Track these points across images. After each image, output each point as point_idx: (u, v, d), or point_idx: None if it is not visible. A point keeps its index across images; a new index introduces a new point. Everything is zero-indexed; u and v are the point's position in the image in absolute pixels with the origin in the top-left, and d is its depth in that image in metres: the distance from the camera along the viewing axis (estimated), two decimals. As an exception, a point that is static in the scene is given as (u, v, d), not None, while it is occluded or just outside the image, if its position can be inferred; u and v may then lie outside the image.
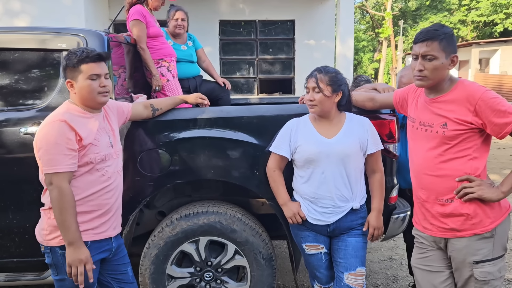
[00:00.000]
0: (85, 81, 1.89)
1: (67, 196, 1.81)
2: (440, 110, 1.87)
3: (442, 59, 1.80)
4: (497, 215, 1.84)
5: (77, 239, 1.83)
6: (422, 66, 1.82)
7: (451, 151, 1.84)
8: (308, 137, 2.16)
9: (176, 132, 2.38)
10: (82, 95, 1.91)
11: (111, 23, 3.35)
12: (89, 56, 1.89)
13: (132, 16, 3.11)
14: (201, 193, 2.73)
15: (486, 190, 1.80)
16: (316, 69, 2.15)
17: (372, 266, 3.67)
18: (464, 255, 1.86)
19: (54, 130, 1.81)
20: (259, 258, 2.44)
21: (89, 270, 1.86)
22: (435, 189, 1.90)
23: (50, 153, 1.80)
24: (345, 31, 8.51)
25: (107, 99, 1.96)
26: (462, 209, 1.84)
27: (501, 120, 1.73)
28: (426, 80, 1.84)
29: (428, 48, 1.80)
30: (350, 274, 2.15)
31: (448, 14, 28.39)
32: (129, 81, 2.93)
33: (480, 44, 18.93)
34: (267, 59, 9.40)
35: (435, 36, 1.79)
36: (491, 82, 16.09)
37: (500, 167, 7.27)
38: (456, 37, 2.19)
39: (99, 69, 1.91)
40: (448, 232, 1.89)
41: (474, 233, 1.84)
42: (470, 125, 1.79)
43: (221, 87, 3.77)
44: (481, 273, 1.84)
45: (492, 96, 1.76)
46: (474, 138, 1.82)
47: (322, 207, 2.15)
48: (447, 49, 1.80)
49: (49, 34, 2.39)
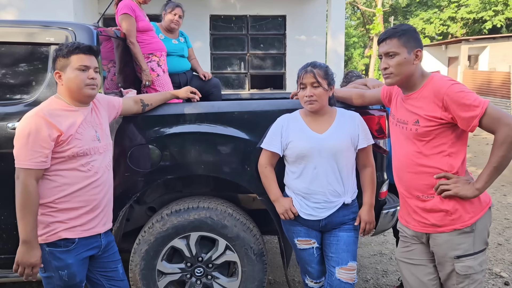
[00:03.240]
0: (74, 71, 1.87)
1: (31, 194, 1.78)
2: (412, 107, 1.90)
3: (404, 54, 1.84)
4: (477, 210, 1.86)
5: (32, 239, 1.80)
6: (386, 64, 1.88)
7: (426, 148, 1.86)
8: (300, 133, 2.16)
9: (166, 127, 2.36)
10: (69, 87, 1.89)
11: (100, 17, 3.30)
12: (80, 47, 1.88)
13: (121, 10, 3.07)
14: (191, 188, 2.72)
15: (462, 187, 1.81)
16: (309, 64, 2.14)
17: (362, 261, 3.70)
18: (445, 250, 1.88)
19: (31, 125, 1.79)
20: (250, 254, 2.44)
21: (35, 274, 1.84)
22: (414, 185, 1.93)
23: (21, 147, 1.78)
24: (336, 27, 8.53)
25: (94, 93, 1.93)
26: (441, 205, 1.86)
27: (468, 113, 1.74)
28: (393, 77, 1.88)
29: (388, 46, 1.86)
30: (342, 269, 2.15)
31: (438, 11, 28.56)
32: (119, 76, 2.90)
33: (469, 41, 19.06)
34: (258, 54, 9.39)
35: (393, 34, 1.86)
36: (480, 79, 16.23)
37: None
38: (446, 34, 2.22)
39: (88, 61, 1.90)
40: (429, 228, 1.92)
41: (454, 228, 1.86)
42: (440, 121, 1.81)
43: (211, 82, 3.75)
44: (462, 268, 1.86)
45: (458, 90, 1.76)
46: (447, 134, 1.83)
47: (315, 202, 2.15)
48: (407, 44, 1.85)
49: (37, 28, 2.35)
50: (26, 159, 1.77)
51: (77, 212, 1.91)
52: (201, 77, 3.75)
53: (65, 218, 1.89)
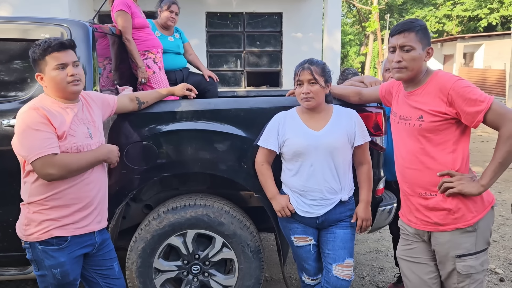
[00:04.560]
0: (52, 72, 1.83)
1: (68, 158, 1.80)
2: (416, 103, 1.88)
3: (419, 50, 1.83)
4: (480, 209, 1.86)
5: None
6: (401, 57, 1.84)
7: (430, 144, 1.86)
8: (296, 130, 2.16)
9: (163, 124, 2.35)
10: (52, 87, 1.86)
11: (95, 13, 3.28)
12: (52, 46, 1.82)
13: (117, 7, 3.05)
14: (188, 186, 2.71)
15: (466, 184, 1.80)
16: (306, 61, 2.14)
17: (358, 258, 3.71)
18: (447, 249, 1.88)
19: (31, 118, 1.77)
20: (246, 251, 2.44)
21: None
22: (417, 182, 1.92)
23: (30, 140, 1.76)
24: (332, 24, 8.53)
25: (79, 88, 1.89)
26: (444, 204, 1.85)
27: (473, 108, 1.74)
28: (405, 71, 1.86)
29: (405, 39, 1.82)
30: (339, 266, 2.16)
31: (433, 9, 28.64)
32: (115, 73, 2.88)
33: (465, 39, 19.15)
34: (254, 51, 9.37)
35: (412, 28, 1.83)
36: (475, 76, 16.31)
37: (483, 159, 7.39)
38: (441, 31, 2.21)
39: (64, 57, 1.84)
40: (431, 226, 1.91)
41: (456, 228, 1.85)
42: (445, 116, 1.80)
43: (208, 80, 3.74)
44: (463, 267, 1.85)
45: (464, 85, 1.77)
46: (451, 130, 1.83)
47: (311, 199, 2.15)
48: (423, 41, 1.84)
49: (32, 24, 2.33)
50: (40, 148, 1.75)
51: (69, 210, 1.89)
52: (205, 78, 3.72)
53: (57, 216, 1.87)
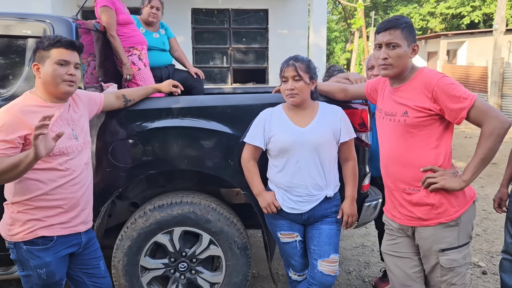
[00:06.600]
0: (52, 65, 1.82)
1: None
2: (401, 99, 1.91)
3: (405, 47, 1.86)
4: (462, 203, 1.89)
5: None
6: (387, 54, 1.87)
7: (414, 140, 1.88)
8: (282, 127, 2.17)
9: (149, 121, 2.33)
10: (46, 81, 1.84)
11: (79, 9, 3.23)
12: (62, 41, 1.83)
13: (100, 3, 3.01)
14: (174, 183, 2.70)
15: (449, 180, 1.83)
16: (291, 58, 2.14)
17: (344, 253, 3.74)
18: (430, 243, 1.91)
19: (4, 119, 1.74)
20: (234, 248, 2.44)
21: None
22: (400, 178, 1.95)
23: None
24: (318, 21, 8.54)
25: (72, 90, 1.88)
26: (427, 199, 1.89)
27: (457, 105, 1.77)
28: (391, 68, 1.88)
29: (391, 36, 1.85)
30: (324, 261, 2.18)
31: (417, 6, 28.93)
32: (99, 70, 2.84)
33: (448, 36, 19.37)
34: (240, 48, 9.34)
35: (398, 25, 1.85)
36: (458, 73, 16.54)
37: (466, 155, 7.52)
38: (425, 29, 2.23)
39: (69, 56, 1.85)
40: (414, 221, 1.94)
41: (439, 222, 1.89)
42: (429, 112, 1.83)
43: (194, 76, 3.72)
44: (446, 261, 1.89)
45: (448, 82, 1.80)
46: (435, 126, 1.86)
47: (297, 195, 2.16)
48: (408, 38, 1.86)
49: (13, 20, 2.29)
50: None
51: (56, 211, 1.88)
52: (192, 75, 3.70)
53: (43, 216, 1.85)
